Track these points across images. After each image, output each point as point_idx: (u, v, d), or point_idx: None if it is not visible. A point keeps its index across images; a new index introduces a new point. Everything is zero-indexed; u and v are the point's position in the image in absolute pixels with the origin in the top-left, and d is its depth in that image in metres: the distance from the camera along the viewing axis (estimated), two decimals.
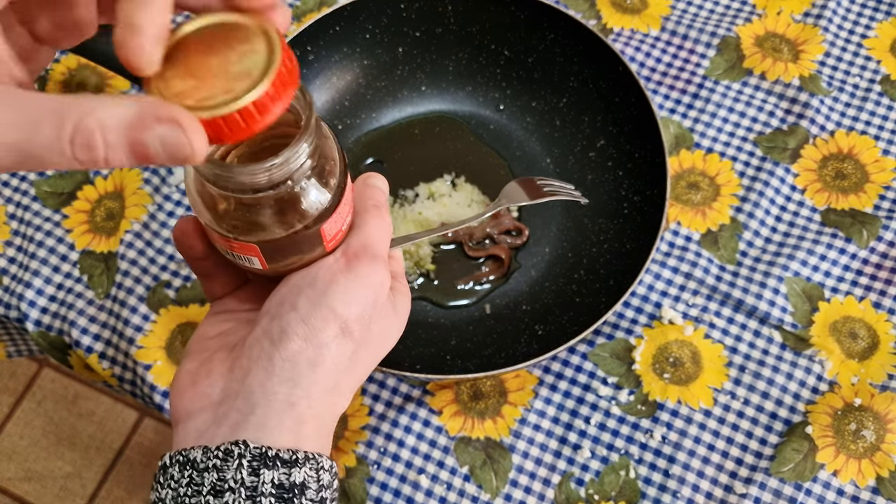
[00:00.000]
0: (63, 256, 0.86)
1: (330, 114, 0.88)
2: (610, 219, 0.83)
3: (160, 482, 0.46)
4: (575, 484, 0.77)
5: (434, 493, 0.77)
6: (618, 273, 0.77)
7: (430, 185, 0.87)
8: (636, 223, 0.80)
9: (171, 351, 0.82)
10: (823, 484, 0.75)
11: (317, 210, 0.46)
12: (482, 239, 0.85)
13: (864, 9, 0.95)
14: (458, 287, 0.84)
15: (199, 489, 0.44)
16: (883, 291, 0.82)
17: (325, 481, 0.46)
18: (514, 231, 0.85)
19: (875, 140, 0.88)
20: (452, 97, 0.90)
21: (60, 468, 1.72)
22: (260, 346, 0.47)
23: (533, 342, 0.78)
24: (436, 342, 0.81)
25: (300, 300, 0.48)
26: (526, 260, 0.85)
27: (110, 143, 0.35)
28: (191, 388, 0.49)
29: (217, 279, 0.54)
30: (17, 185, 0.90)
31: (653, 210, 0.76)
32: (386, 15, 0.86)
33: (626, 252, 0.79)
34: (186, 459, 0.45)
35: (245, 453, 0.44)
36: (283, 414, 0.46)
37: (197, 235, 0.51)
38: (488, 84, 0.90)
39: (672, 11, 0.96)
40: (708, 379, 0.79)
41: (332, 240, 0.49)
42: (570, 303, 0.80)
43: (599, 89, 0.84)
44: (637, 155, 0.81)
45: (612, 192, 0.84)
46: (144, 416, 1.75)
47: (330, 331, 0.47)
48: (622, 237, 0.81)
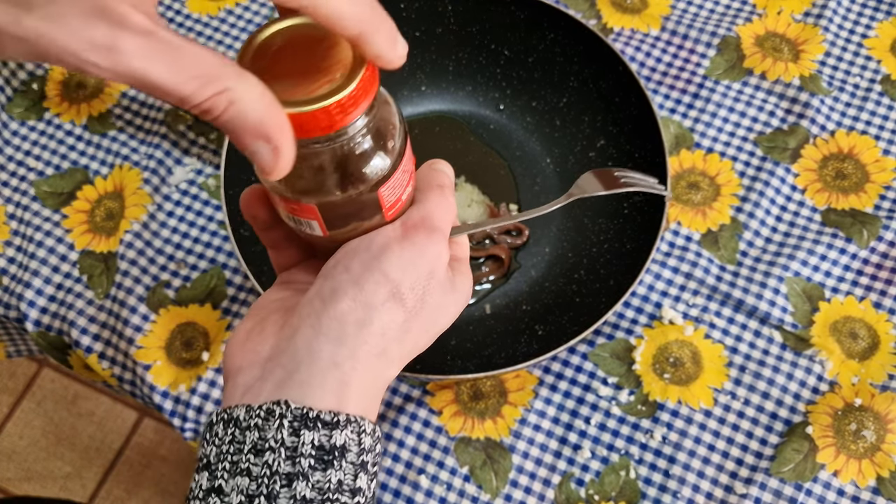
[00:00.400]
0: (63, 256, 0.86)
1: None
2: (610, 219, 0.83)
3: (206, 438, 0.46)
4: (575, 484, 0.77)
5: (434, 494, 0.77)
6: (618, 273, 0.77)
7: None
8: (636, 223, 0.80)
9: (170, 351, 0.82)
10: (824, 484, 0.75)
11: (375, 173, 0.46)
12: (482, 239, 0.85)
13: (865, 8, 0.95)
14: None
15: (241, 447, 0.44)
16: (883, 291, 0.82)
17: (367, 445, 0.46)
18: (515, 231, 0.85)
19: (875, 140, 0.88)
20: (452, 97, 0.90)
21: (60, 468, 1.72)
22: (311, 306, 0.48)
23: (533, 342, 0.78)
24: (436, 342, 0.81)
25: (353, 262, 0.48)
26: (526, 260, 0.85)
27: (226, 122, 0.39)
28: (243, 345, 0.50)
29: (283, 251, 0.55)
30: (16, 185, 0.90)
31: (653, 210, 0.76)
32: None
33: (627, 252, 0.79)
34: (230, 417, 0.45)
35: (286, 413, 0.44)
36: (326, 372, 0.46)
37: (262, 204, 0.52)
38: (488, 84, 0.90)
39: (672, 11, 0.96)
40: (708, 379, 0.79)
41: (391, 208, 0.49)
42: (570, 303, 0.80)
43: (599, 89, 0.84)
44: (637, 155, 0.81)
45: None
46: (144, 416, 1.75)
47: (381, 294, 0.47)
48: (622, 237, 0.81)
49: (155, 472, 1.70)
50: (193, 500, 0.44)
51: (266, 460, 0.43)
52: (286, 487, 0.43)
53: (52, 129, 0.92)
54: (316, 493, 0.43)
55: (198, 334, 0.83)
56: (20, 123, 0.93)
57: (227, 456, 0.44)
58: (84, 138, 0.92)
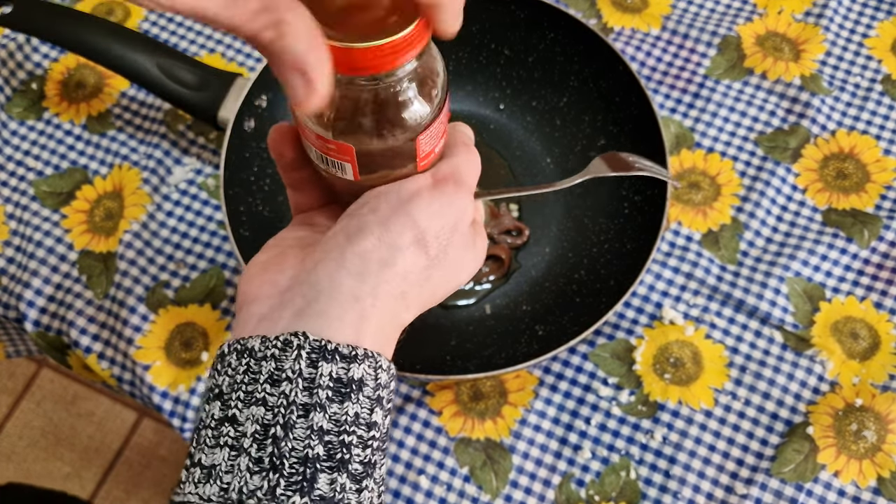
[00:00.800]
0: (62, 256, 0.86)
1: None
2: (610, 219, 0.83)
3: (217, 369, 0.46)
4: (575, 485, 0.76)
5: (434, 494, 0.77)
6: (618, 273, 0.77)
7: None
8: (637, 223, 0.80)
9: (170, 351, 0.82)
10: (824, 485, 0.75)
11: (416, 120, 0.46)
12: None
13: (866, 8, 0.95)
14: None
15: (256, 377, 0.44)
16: (884, 292, 0.81)
17: (383, 380, 0.46)
18: (515, 231, 0.85)
19: (876, 140, 0.88)
20: (452, 96, 0.90)
21: (59, 469, 1.72)
22: (335, 240, 0.48)
23: (533, 342, 0.78)
24: (435, 342, 0.81)
25: (382, 204, 0.49)
26: (526, 260, 0.85)
27: (270, 51, 0.39)
28: (260, 275, 0.50)
29: (305, 192, 0.56)
30: (15, 185, 0.90)
31: (653, 210, 0.76)
32: None
33: (627, 252, 0.79)
34: (245, 348, 0.45)
35: (304, 345, 0.44)
36: (346, 305, 0.46)
37: (290, 142, 0.53)
38: (488, 83, 0.90)
39: (673, 11, 0.96)
40: (709, 379, 0.79)
41: (424, 158, 0.50)
42: (571, 303, 0.80)
43: (600, 88, 0.84)
44: (638, 154, 0.81)
45: (612, 192, 0.84)
46: (143, 416, 1.75)
47: (406, 237, 0.48)
48: (623, 237, 0.81)
49: (154, 472, 1.70)
50: (205, 429, 0.44)
51: (283, 390, 0.43)
52: (303, 418, 0.42)
53: (51, 128, 0.92)
54: (332, 425, 0.43)
55: (197, 334, 0.83)
56: (19, 123, 0.92)
57: (241, 386, 0.44)
58: (83, 138, 0.91)
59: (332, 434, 0.43)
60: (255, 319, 0.47)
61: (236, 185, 0.78)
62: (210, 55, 0.95)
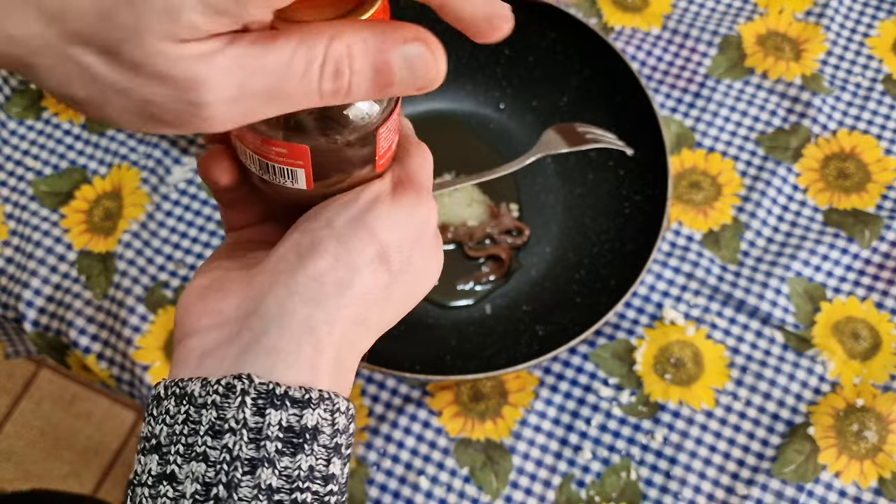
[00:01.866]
0: (61, 256, 0.86)
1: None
2: (611, 218, 0.83)
3: (153, 415, 0.40)
4: (576, 485, 0.76)
5: (434, 495, 0.77)
6: (619, 273, 0.77)
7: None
8: (637, 223, 0.79)
9: (169, 351, 0.82)
10: (825, 485, 0.75)
11: (375, 111, 0.42)
12: (482, 239, 0.85)
13: (867, 7, 0.95)
14: (458, 287, 0.84)
15: (197, 428, 0.39)
16: (885, 292, 0.81)
17: (341, 425, 0.40)
18: (515, 231, 0.85)
19: (877, 140, 0.88)
20: (452, 96, 0.90)
21: (58, 469, 1.72)
22: (285, 261, 0.43)
23: (534, 343, 0.78)
24: (436, 343, 0.81)
25: (337, 217, 0.43)
26: (527, 260, 0.84)
27: (356, 69, 0.36)
28: (199, 303, 0.44)
29: (240, 210, 0.50)
30: (14, 185, 0.90)
31: (654, 210, 0.76)
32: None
33: (628, 252, 0.79)
34: (183, 393, 0.40)
35: (249, 389, 0.38)
36: (300, 337, 0.41)
37: (224, 166, 0.46)
38: (488, 83, 0.90)
39: (673, 10, 0.96)
40: (709, 380, 0.79)
41: (382, 156, 0.45)
42: (571, 303, 0.80)
43: (600, 88, 0.84)
44: (639, 154, 0.81)
45: (613, 192, 0.84)
46: (142, 416, 1.75)
47: (366, 254, 0.43)
48: (623, 237, 0.81)
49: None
50: (141, 487, 0.39)
51: (226, 443, 0.38)
52: (249, 475, 0.37)
53: (50, 128, 0.92)
54: (283, 482, 0.38)
55: None
56: (18, 122, 0.92)
57: (180, 437, 0.39)
58: (82, 138, 0.91)
59: (284, 492, 0.38)
60: (196, 356, 0.42)
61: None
62: None
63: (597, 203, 0.84)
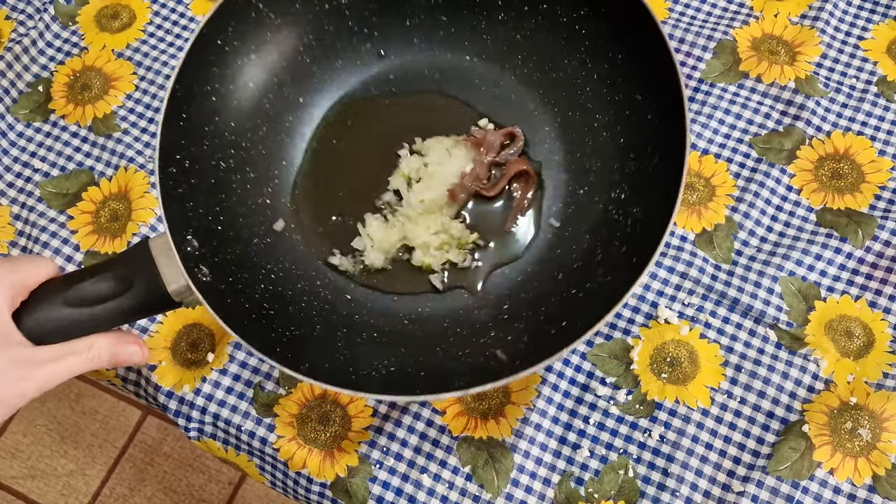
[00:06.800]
0: (68, 257, 0.87)
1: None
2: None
3: None
4: (575, 483, 0.77)
5: (436, 493, 0.78)
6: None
7: (399, 173, 0.81)
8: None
9: (175, 352, 0.83)
10: (820, 482, 0.75)
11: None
12: (489, 174, 0.80)
13: (861, 11, 0.96)
14: (511, 230, 0.79)
15: None
16: (879, 291, 0.82)
17: None
18: (508, 140, 0.81)
19: (871, 141, 0.89)
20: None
21: (64, 466, 1.72)
22: None
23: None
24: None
25: None
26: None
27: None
28: None
29: None
30: (21, 186, 0.90)
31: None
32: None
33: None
34: None
35: None
36: None
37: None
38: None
39: (669, 14, 0.97)
40: (705, 378, 0.80)
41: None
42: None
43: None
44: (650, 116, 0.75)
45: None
46: (147, 413, 1.76)
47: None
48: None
49: (158, 469, 1.71)
50: None
51: None
52: None
53: (57, 130, 0.93)
54: None
55: (204, 336, 0.84)
56: (26, 125, 0.93)
57: None
58: (89, 140, 0.92)
59: None
60: None
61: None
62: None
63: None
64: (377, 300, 0.78)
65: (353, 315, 0.77)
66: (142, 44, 0.97)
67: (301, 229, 0.80)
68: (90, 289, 0.63)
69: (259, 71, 0.80)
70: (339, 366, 0.70)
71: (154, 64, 0.96)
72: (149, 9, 0.99)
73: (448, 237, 0.78)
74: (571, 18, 0.79)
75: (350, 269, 0.79)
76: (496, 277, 0.79)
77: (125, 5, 0.99)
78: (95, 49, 0.97)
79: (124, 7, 0.99)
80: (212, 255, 0.70)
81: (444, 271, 0.78)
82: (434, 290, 0.78)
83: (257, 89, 0.80)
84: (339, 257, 0.79)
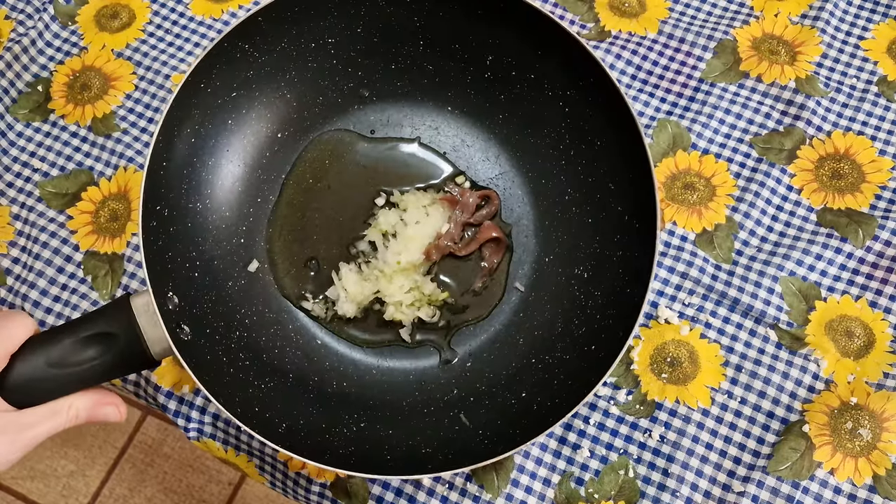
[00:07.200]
0: (67, 257, 0.87)
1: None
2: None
3: None
4: (575, 483, 0.77)
5: (436, 493, 0.77)
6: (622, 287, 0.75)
7: (377, 227, 0.82)
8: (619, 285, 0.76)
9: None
10: (821, 482, 0.75)
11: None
12: (462, 234, 0.82)
13: (862, 10, 0.96)
14: (475, 288, 0.81)
15: None
16: (879, 291, 0.82)
17: None
18: (482, 201, 0.83)
19: (872, 140, 0.89)
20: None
21: (64, 466, 1.72)
22: None
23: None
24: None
25: None
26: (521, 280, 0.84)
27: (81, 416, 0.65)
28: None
29: None
30: (21, 186, 0.90)
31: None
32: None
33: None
34: None
35: None
36: None
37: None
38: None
39: (670, 14, 0.97)
40: (705, 378, 0.80)
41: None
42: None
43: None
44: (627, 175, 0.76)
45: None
46: (147, 413, 1.75)
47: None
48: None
49: (158, 469, 1.70)
50: None
51: None
52: None
53: (56, 130, 0.93)
54: None
55: None
56: (25, 125, 0.93)
57: None
58: (88, 140, 0.92)
59: None
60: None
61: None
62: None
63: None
64: (346, 348, 0.80)
65: (323, 362, 0.79)
66: (141, 43, 0.97)
67: (274, 270, 0.81)
68: (72, 349, 0.64)
69: (239, 108, 0.79)
70: (312, 421, 0.71)
71: (154, 64, 0.96)
72: (148, 8, 0.99)
73: (420, 294, 0.80)
74: (557, 95, 0.79)
75: (322, 314, 0.80)
76: (462, 335, 0.81)
77: (125, 5, 0.99)
78: (95, 49, 0.97)
79: (124, 7, 0.99)
80: (190, 307, 0.71)
81: (413, 326, 0.80)
82: (402, 342, 0.80)
83: (236, 127, 0.80)
84: (311, 302, 0.81)
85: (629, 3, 0.97)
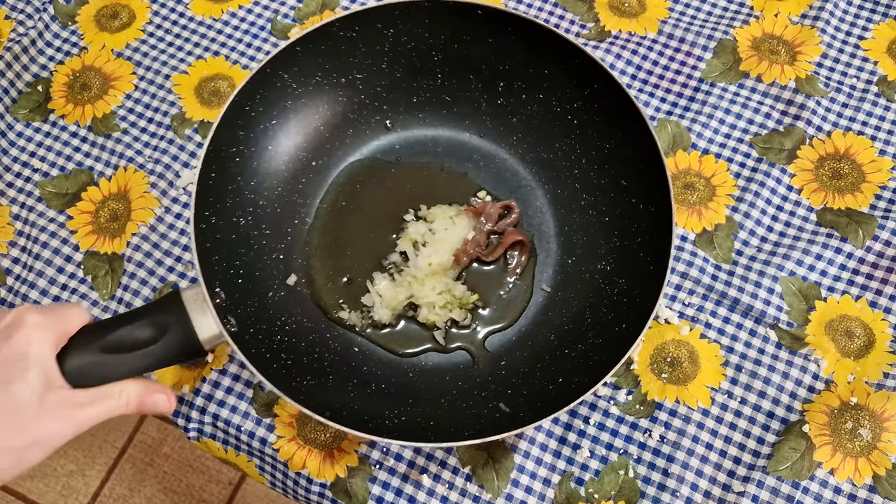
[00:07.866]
0: (67, 257, 0.87)
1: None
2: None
3: None
4: (575, 483, 0.77)
5: (436, 493, 0.77)
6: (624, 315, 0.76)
7: (407, 237, 0.85)
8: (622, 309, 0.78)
9: None
10: (821, 482, 0.75)
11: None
12: (487, 241, 0.84)
13: (862, 10, 0.96)
14: (507, 293, 0.84)
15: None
16: (879, 291, 0.82)
17: None
18: (504, 211, 0.85)
19: (872, 140, 0.89)
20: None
21: (63, 466, 1.72)
22: None
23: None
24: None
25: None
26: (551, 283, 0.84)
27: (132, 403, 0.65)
28: None
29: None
30: (21, 186, 0.90)
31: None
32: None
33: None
34: None
35: None
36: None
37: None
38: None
39: (670, 14, 0.97)
40: (705, 378, 0.80)
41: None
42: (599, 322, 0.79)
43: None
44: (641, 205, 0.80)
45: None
46: (148, 415, 1.75)
47: None
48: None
49: (158, 469, 1.70)
50: None
51: None
52: None
53: (56, 130, 0.93)
54: None
55: None
56: (25, 125, 0.93)
57: None
58: (88, 140, 0.92)
59: None
60: None
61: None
62: (214, 58, 0.96)
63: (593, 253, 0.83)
64: (383, 354, 0.82)
65: (361, 367, 0.81)
66: (141, 43, 0.97)
67: (311, 284, 0.84)
68: (126, 336, 0.67)
69: (278, 136, 0.85)
70: (354, 414, 0.73)
71: (153, 64, 0.96)
72: (148, 8, 0.99)
73: (451, 297, 0.82)
74: (564, 109, 0.85)
75: (358, 323, 0.82)
76: (494, 337, 0.83)
77: (124, 5, 0.99)
78: (95, 49, 0.97)
79: (124, 7, 0.99)
80: (235, 306, 0.74)
81: (447, 329, 0.82)
82: (437, 346, 0.82)
83: (275, 152, 0.85)
84: (347, 312, 0.83)
85: (629, 3, 0.97)
